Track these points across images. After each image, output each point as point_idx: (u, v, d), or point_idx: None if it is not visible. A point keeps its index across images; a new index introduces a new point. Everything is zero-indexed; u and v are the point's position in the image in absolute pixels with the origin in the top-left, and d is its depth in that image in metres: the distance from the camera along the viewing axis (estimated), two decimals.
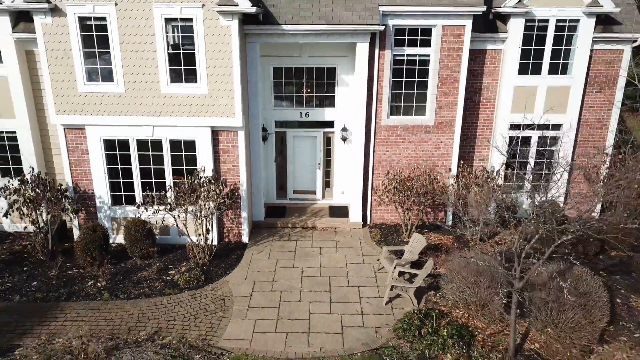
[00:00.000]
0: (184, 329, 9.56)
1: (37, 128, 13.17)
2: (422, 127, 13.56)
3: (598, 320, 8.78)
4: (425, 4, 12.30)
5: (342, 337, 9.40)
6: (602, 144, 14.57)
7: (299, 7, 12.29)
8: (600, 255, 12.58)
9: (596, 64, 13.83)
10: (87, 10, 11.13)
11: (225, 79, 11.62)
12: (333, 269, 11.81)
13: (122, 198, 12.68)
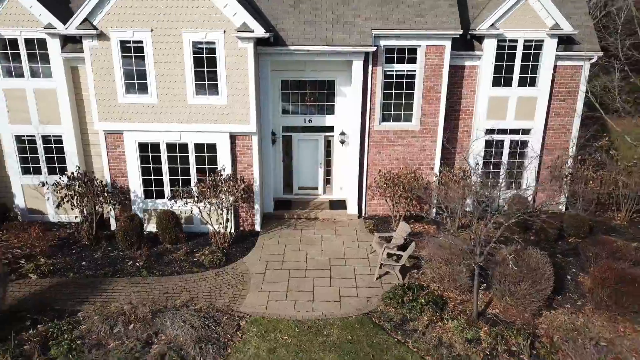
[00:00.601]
0: (211, 298, 11.68)
1: (79, 133, 15.25)
2: (409, 132, 15.66)
3: (544, 290, 10.89)
4: (411, 28, 14.39)
5: (340, 305, 11.52)
6: (565, 146, 16.67)
7: (304, 30, 14.37)
8: (559, 242, 14.70)
9: (559, 77, 15.93)
10: (127, 36, 13.22)
11: (242, 92, 13.71)
12: (333, 252, 13.94)
13: (153, 192, 14.77)
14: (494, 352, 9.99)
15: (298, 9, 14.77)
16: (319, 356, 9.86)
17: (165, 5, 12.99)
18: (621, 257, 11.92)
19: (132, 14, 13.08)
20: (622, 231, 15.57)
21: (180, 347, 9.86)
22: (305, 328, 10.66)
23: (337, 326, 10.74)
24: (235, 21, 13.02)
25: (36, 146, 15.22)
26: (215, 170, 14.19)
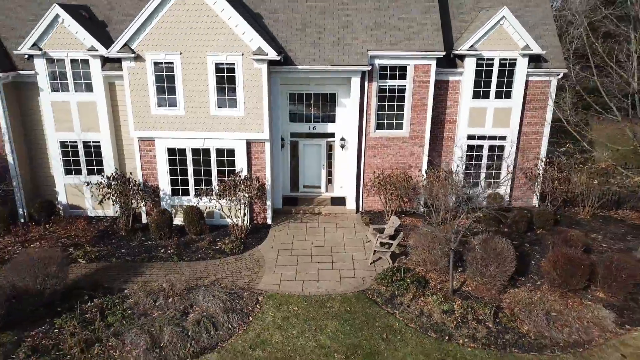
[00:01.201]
0: (233, 279, 13.97)
1: (114, 139, 17.52)
2: (400, 138, 17.93)
3: (507, 270, 13.16)
4: (402, 49, 16.65)
5: (340, 284, 13.82)
6: (537, 150, 18.93)
7: (309, 52, 16.62)
8: (528, 233, 16.97)
9: (531, 91, 18.19)
10: (160, 57, 15.49)
11: (257, 105, 15.97)
12: (334, 242, 16.23)
13: (179, 191, 17.06)
14: (464, 320, 12.28)
15: (304, 32, 17.02)
16: (323, 323, 12.15)
17: (193, 32, 15.25)
18: (573, 244, 14.19)
19: (164, 40, 15.34)
20: (584, 224, 17.86)
21: (212, 316, 12.15)
22: (311, 302, 12.96)
23: (337, 300, 13.04)
24: (252, 46, 15.28)
25: (78, 151, 17.50)
26: (234, 171, 16.48)
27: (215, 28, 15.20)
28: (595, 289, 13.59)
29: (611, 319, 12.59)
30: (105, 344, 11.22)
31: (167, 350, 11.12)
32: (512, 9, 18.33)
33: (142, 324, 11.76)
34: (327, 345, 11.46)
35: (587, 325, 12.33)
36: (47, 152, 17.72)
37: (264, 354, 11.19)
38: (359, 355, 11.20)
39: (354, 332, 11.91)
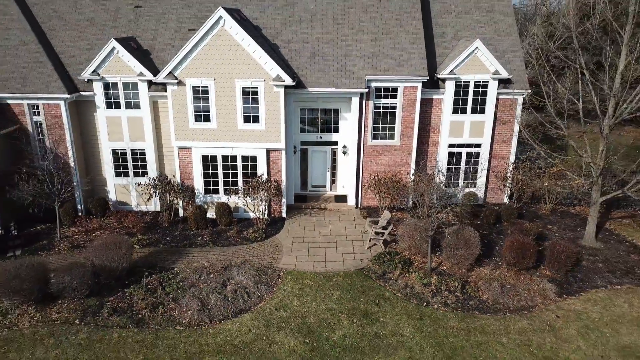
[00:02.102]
0: (259, 260, 17.54)
1: (156, 147, 21.05)
2: (392, 146, 21.46)
3: (473, 253, 16.69)
4: (393, 74, 20.15)
5: (342, 264, 17.39)
6: (507, 156, 22.43)
7: (318, 77, 20.12)
8: (497, 224, 20.52)
9: (501, 107, 21.68)
10: (198, 83, 19.01)
11: (275, 121, 19.50)
12: (337, 231, 19.79)
13: (211, 190, 20.60)
14: (439, 290, 15.86)
15: (313, 60, 20.53)
16: (330, 292, 15.73)
17: (224, 63, 18.76)
18: (527, 233, 17.76)
19: (201, 69, 18.86)
20: (544, 218, 21.43)
21: (245, 287, 15.73)
22: (321, 277, 16.54)
23: (341, 276, 16.63)
24: (272, 73, 18.80)
25: (126, 157, 21.04)
26: (256, 174, 20.03)
27: (242, 59, 18.71)
28: (543, 268, 17.15)
29: (553, 290, 16.17)
30: (166, 307, 14.82)
31: (213, 311, 14.71)
32: (487, 38, 21.95)
33: (192, 292, 15.35)
34: (333, 308, 15.04)
35: (533, 295, 15.91)
36: (101, 158, 21.26)
37: (286, 314, 14.78)
38: (357, 315, 14.78)
39: (354, 299, 15.50)
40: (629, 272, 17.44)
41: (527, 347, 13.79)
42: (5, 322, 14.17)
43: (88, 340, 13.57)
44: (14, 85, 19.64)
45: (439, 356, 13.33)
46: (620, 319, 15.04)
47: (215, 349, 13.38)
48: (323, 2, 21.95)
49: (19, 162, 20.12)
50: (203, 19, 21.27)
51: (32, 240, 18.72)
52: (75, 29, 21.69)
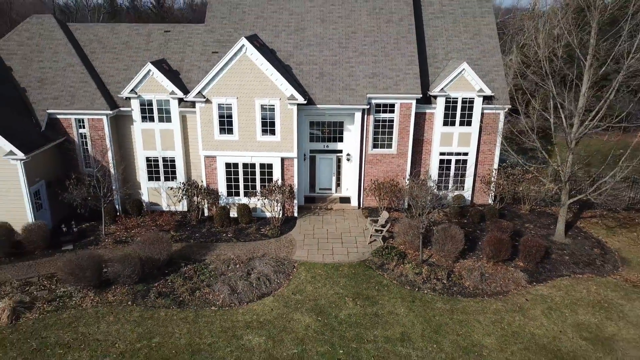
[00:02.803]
0: (276, 253, 20.44)
1: (184, 156, 23.93)
2: (390, 155, 24.35)
3: (458, 247, 19.59)
4: (391, 93, 23.01)
5: (347, 256, 20.30)
6: (491, 163, 25.30)
7: (325, 95, 22.97)
8: (481, 223, 23.40)
9: (486, 120, 24.53)
10: (222, 101, 21.89)
11: (289, 133, 22.37)
12: (342, 229, 22.70)
13: (233, 192, 23.49)
14: (428, 279, 18.76)
15: (321, 80, 23.40)
16: (337, 280, 18.64)
17: (245, 84, 21.62)
18: (504, 230, 20.67)
19: (226, 89, 21.73)
20: (523, 217, 24.31)
21: (266, 275, 18.64)
22: (329, 267, 19.47)
23: (346, 266, 19.56)
24: (286, 93, 21.67)
25: (158, 163, 23.94)
26: (272, 179, 22.93)
27: (261, 81, 21.58)
28: (518, 260, 20.04)
29: (524, 278, 19.06)
30: (202, 291, 17.75)
31: (241, 295, 17.64)
32: (474, 58, 24.81)
33: (223, 280, 18.27)
34: (340, 293, 17.97)
35: (507, 282, 18.82)
36: (136, 165, 24.16)
37: (301, 297, 17.71)
38: (360, 299, 17.70)
39: (357, 285, 18.43)
40: (591, 263, 20.36)
41: (499, 324, 16.70)
42: (71, 303, 17.11)
43: (141, 318, 16.50)
44: (63, 102, 22.53)
45: (427, 331, 16.25)
46: (578, 302, 17.95)
47: (244, 324, 16.31)
48: (330, 27, 24.82)
49: (66, 169, 23.03)
50: (224, 42, 24.16)
51: (80, 236, 21.64)
52: (113, 51, 24.58)
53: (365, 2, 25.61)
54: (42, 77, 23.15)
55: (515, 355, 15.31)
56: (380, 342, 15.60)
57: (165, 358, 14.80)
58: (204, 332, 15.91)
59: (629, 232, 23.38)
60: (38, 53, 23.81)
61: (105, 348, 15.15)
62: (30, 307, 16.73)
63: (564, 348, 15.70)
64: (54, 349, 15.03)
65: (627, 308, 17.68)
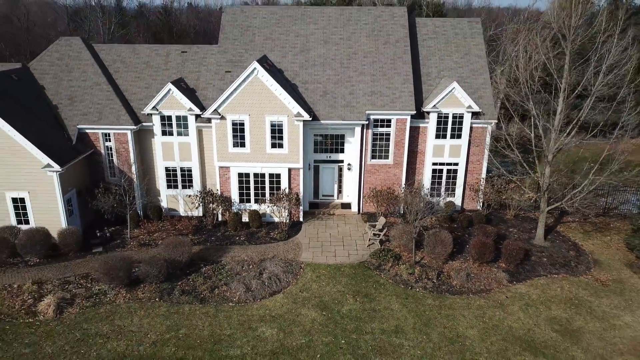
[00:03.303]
0: (284, 255, 22.68)
1: (200, 166, 26.16)
2: (387, 165, 26.58)
3: (447, 250, 21.82)
4: (388, 109, 25.21)
5: (348, 258, 22.55)
6: (479, 172, 27.51)
7: (328, 111, 25.19)
8: (469, 227, 25.64)
9: (474, 133, 26.74)
10: (236, 118, 24.11)
11: (295, 146, 24.58)
12: (344, 233, 24.94)
13: (244, 199, 25.74)
14: (420, 278, 20.99)
15: (325, 97, 25.61)
16: (339, 279, 20.88)
17: (257, 102, 23.82)
18: (488, 235, 22.91)
19: (239, 107, 23.94)
20: (508, 222, 26.54)
21: (276, 275, 20.88)
22: (332, 268, 21.72)
23: (347, 267, 21.81)
24: (293, 111, 23.88)
25: (176, 173, 26.17)
26: (280, 187, 25.17)
27: (271, 100, 23.78)
28: (500, 261, 22.26)
29: (505, 278, 21.29)
30: (220, 289, 20.01)
31: (255, 292, 19.88)
32: (464, 76, 27.01)
33: (238, 279, 20.53)
34: (342, 290, 20.22)
35: (490, 281, 21.07)
36: (156, 174, 26.39)
37: (308, 294, 19.96)
38: (359, 296, 19.95)
39: (357, 284, 20.67)
40: (566, 264, 22.60)
41: (481, 318, 18.95)
42: (106, 300, 19.38)
43: (168, 312, 18.76)
44: (92, 118, 24.76)
45: (418, 324, 18.50)
46: (552, 299, 20.20)
47: (258, 318, 18.56)
48: (332, 48, 27.03)
49: (93, 178, 25.28)
50: (236, 62, 26.38)
51: (108, 240, 23.89)
52: (135, 71, 26.81)
53: (364, 24, 27.83)
54: (72, 95, 25.38)
55: (494, 345, 17.56)
56: (377, 334, 17.85)
57: (191, 347, 17.06)
58: (223, 324, 18.16)
59: (603, 236, 25.62)
60: (68, 73, 26.04)
61: (139, 338, 17.42)
62: (71, 303, 19.00)
63: (537, 339, 17.94)
64: (95, 339, 17.30)
65: (595, 304, 19.93)
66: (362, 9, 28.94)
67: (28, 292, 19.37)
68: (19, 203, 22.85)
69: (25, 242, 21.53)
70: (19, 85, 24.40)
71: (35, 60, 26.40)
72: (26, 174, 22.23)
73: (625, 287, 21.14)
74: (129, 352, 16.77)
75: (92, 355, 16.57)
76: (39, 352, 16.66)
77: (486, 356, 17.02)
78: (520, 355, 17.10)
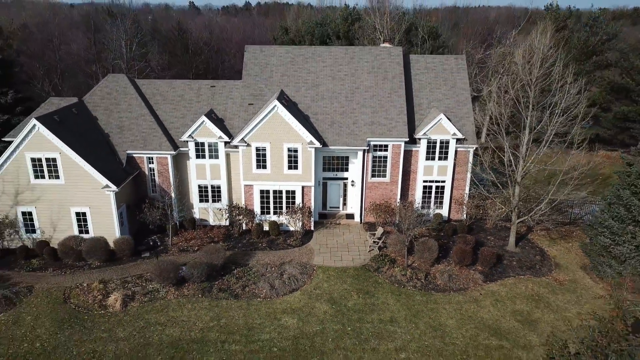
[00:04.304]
0: (300, 259, 27.19)
1: (227, 184, 30.67)
2: (385, 182, 31.08)
3: (433, 255, 26.31)
4: (385, 137, 29.71)
5: (352, 262, 27.06)
6: (463, 188, 31.99)
7: (335, 139, 29.68)
8: (454, 236, 30.11)
9: (459, 156, 31.19)
10: (259, 145, 28.61)
11: (308, 168, 29.10)
12: (348, 240, 29.44)
13: (265, 212, 30.24)
14: (411, 278, 25.49)
15: (332, 127, 30.11)
16: (345, 279, 25.37)
17: (276, 132, 28.32)
18: (468, 243, 27.42)
19: (261, 136, 28.43)
20: (487, 231, 31.01)
21: (294, 276, 25.38)
22: (339, 270, 26.25)
23: (351, 269, 26.34)
24: (307, 139, 28.38)
25: (207, 189, 30.69)
26: (295, 202, 29.68)
27: (288, 130, 28.28)
28: (478, 265, 26.76)
29: (481, 279, 25.79)
30: (250, 287, 24.55)
31: (278, 290, 24.39)
32: (450, 107, 31.49)
33: (263, 279, 25.06)
34: (347, 289, 24.73)
35: (468, 281, 25.56)
36: (190, 190, 30.92)
37: (320, 291, 24.48)
38: (362, 293, 24.45)
39: (360, 283, 25.19)
40: (532, 267, 27.09)
41: (459, 310, 23.43)
42: (159, 296, 23.90)
43: (210, 306, 23.30)
44: (138, 145, 29.30)
45: (409, 315, 22.99)
46: (518, 296, 24.69)
47: (281, 310, 23.07)
48: (338, 84, 31.53)
49: (137, 194, 29.82)
50: (258, 96, 30.88)
51: (153, 246, 28.43)
52: (171, 103, 31.34)
53: (366, 62, 32.32)
54: (121, 124, 29.92)
55: (468, 331, 22.07)
56: (376, 323, 22.38)
57: (231, 332, 21.60)
58: (254, 315, 22.70)
59: (566, 243, 30.13)
60: (116, 105, 30.57)
61: (189, 326, 21.96)
62: (132, 298, 23.54)
63: (502, 327, 22.45)
64: (155, 327, 21.84)
65: (551, 300, 24.43)
66: (364, 48, 33.42)
67: (97, 289, 23.90)
68: (81, 216, 27.37)
69: (89, 248, 26.09)
70: (78, 118, 28.93)
71: (88, 94, 30.91)
72: (88, 192, 26.75)
73: (577, 286, 25.64)
74: (183, 336, 21.32)
75: (155, 339, 21.13)
76: (114, 336, 21.22)
77: (461, 340, 21.54)
78: (488, 340, 21.61)
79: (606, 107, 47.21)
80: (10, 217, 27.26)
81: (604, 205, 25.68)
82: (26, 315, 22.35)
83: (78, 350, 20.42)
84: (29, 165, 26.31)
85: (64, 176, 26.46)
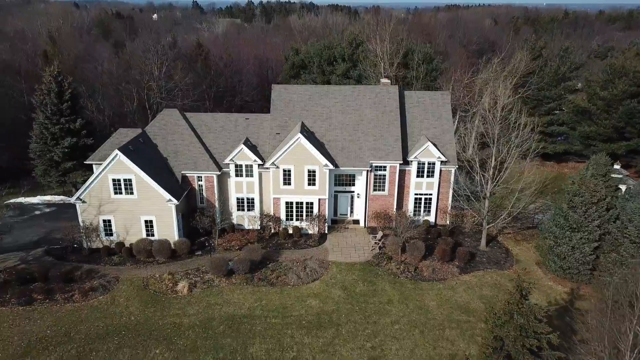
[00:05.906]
0: (318, 256, 34.33)
1: (259, 196, 37.86)
2: (384, 195, 38.21)
3: (421, 253, 33.46)
4: (384, 160, 36.81)
5: (359, 258, 34.18)
6: (447, 199, 39.10)
7: (345, 161, 36.76)
8: (438, 238, 37.26)
9: (443, 174, 38.23)
10: (285, 167, 35.73)
11: (323, 184, 36.22)
12: (355, 241, 36.57)
13: (289, 218, 37.43)
14: (404, 271, 32.65)
15: (342, 152, 37.23)
16: (353, 272, 32.52)
17: (298, 157, 35.42)
18: (447, 244, 34.64)
19: (287, 160, 35.51)
20: (465, 234, 38.09)
21: (314, 269, 32.55)
22: (349, 264, 33.44)
23: (358, 264, 33.53)
24: (323, 162, 35.50)
25: (243, 200, 37.90)
26: (313, 211, 36.88)
27: (308, 156, 35.38)
28: (455, 260, 33.90)
29: (457, 272, 32.93)
30: (281, 277, 31.76)
31: (303, 279, 31.58)
32: (437, 134, 38.59)
33: (292, 271, 32.27)
34: (355, 279, 31.90)
35: (447, 273, 32.69)
36: (229, 201, 38.12)
37: (335, 281, 31.68)
38: (366, 282, 31.64)
39: (365, 275, 32.40)
40: (497, 263, 34.24)
41: (439, 295, 30.60)
42: (214, 284, 31.11)
43: (252, 292, 30.51)
44: (190, 166, 36.52)
45: (401, 298, 30.14)
46: (484, 284, 31.88)
47: (307, 295, 30.28)
48: (347, 117, 38.67)
49: (189, 205, 37.09)
50: (283, 126, 38.02)
51: (203, 247, 35.68)
52: (214, 132, 38.56)
53: (369, 98, 39.42)
54: (176, 150, 37.15)
55: (445, 310, 29.27)
56: (377, 304, 29.60)
57: (271, 310, 28.86)
58: (286, 298, 29.96)
59: (527, 244, 37.27)
60: (171, 134, 37.79)
61: (239, 306, 29.23)
62: (195, 286, 30.81)
63: (471, 307, 29.63)
64: (214, 307, 29.11)
65: (508, 287, 31.53)
66: (367, 87, 40.52)
67: (167, 279, 31.17)
68: (149, 223, 34.64)
69: (158, 248, 33.37)
70: (144, 146, 36.17)
71: (149, 125, 38.14)
72: (155, 205, 34.00)
73: (531, 277, 32.77)
74: (236, 313, 28.61)
75: (216, 314, 28.42)
76: (186, 312, 28.52)
77: (440, 316, 28.76)
78: (459, 316, 28.82)
79: (573, 127, 54.25)
80: (94, 223, 34.54)
81: (550, 215, 32.82)
82: (119, 298, 29.68)
83: (163, 322, 27.73)
84: (110, 184, 33.57)
85: (137, 192, 33.72)
